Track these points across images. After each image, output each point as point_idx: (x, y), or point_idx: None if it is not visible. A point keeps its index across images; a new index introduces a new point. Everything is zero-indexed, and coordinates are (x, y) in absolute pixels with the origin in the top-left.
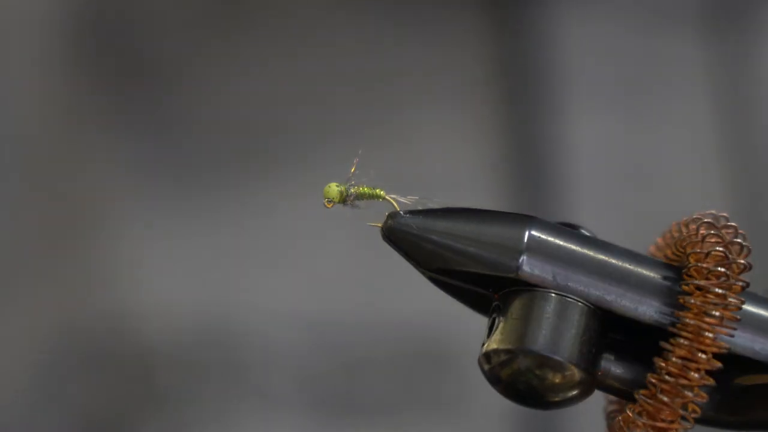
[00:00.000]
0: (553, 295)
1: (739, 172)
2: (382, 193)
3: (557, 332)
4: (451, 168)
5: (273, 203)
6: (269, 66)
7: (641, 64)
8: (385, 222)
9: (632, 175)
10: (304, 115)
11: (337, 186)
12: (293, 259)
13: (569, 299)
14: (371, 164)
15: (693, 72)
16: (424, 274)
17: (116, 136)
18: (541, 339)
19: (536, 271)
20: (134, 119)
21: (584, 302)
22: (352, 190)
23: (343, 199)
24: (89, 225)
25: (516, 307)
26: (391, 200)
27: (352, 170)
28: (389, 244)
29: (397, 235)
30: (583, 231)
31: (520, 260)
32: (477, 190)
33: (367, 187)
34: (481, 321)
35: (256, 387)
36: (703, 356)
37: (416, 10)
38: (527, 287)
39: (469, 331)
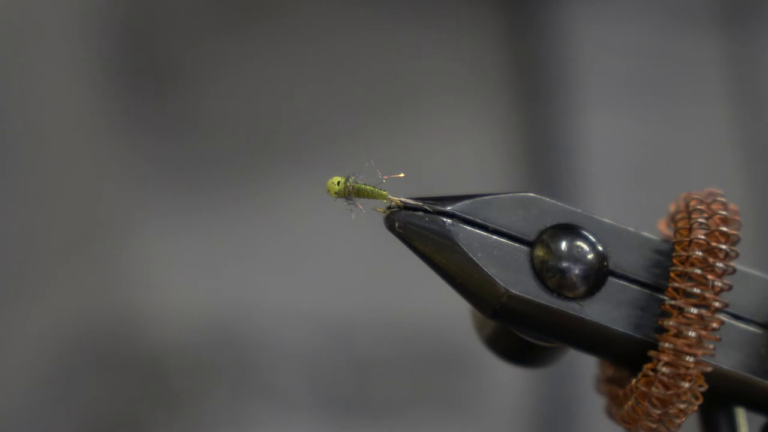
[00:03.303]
0: None
1: (754, 171)
2: (384, 193)
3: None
4: (464, 166)
5: (284, 203)
6: (282, 65)
7: (657, 62)
8: (390, 210)
9: (648, 174)
10: (316, 114)
11: (338, 181)
12: (304, 258)
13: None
14: (385, 162)
15: (709, 70)
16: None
17: (126, 137)
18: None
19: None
20: (146, 120)
21: None
22: (354, 185)
23: (344, 194)
24: (100, 226)
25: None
26: (398, 201)
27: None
28: (393, 234)
29: (401, 224)
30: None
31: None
32: (490, 189)
33: (369, 185)
34: None
35: (267, 387)
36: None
37: (431, 9)
38: None
39: None
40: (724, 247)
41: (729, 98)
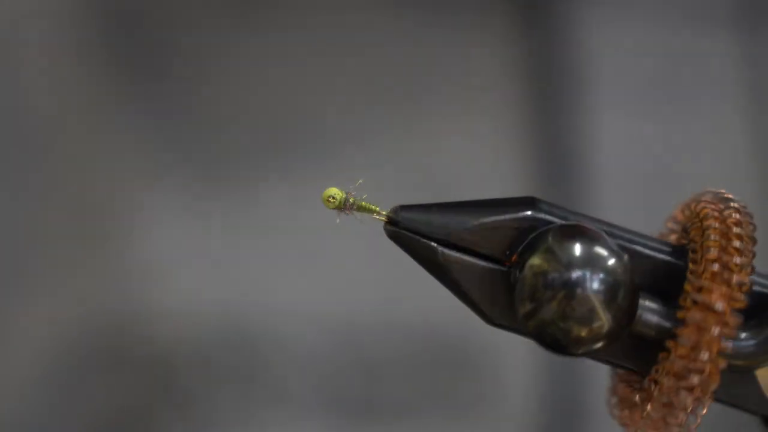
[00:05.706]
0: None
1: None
2: (379, 209)
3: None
4: (474, 166)
5: (294, 203)
6: (288, 62)
7: (670, 62)
8: (388, 216)
9: (660, 174)
10: (325, 114)
11: (335, 203)
12: (313, 259)
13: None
14: (393, 162)
15: (723, 70)
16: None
17: (132, 135)
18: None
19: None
20: (152, 119)
21: None
22: (351, 200)
23: (341, 207)
24: (109, 224)
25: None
26: (386, 217)
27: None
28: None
29: (399, 240)
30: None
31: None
32: (500, 190)
33: (365, 202)
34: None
35: (275, 388)
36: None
37: (440, 8)
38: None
39: (488, 332)
40: (738, 261)
41: (743, 98)
